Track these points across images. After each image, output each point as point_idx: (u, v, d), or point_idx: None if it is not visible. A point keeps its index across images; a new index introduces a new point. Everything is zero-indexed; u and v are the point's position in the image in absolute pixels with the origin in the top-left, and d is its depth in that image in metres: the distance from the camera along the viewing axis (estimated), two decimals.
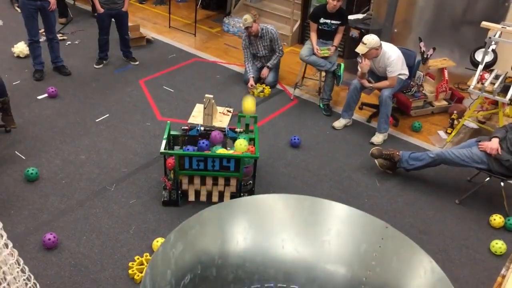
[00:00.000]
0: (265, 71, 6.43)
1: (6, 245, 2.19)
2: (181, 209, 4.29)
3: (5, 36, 7.17)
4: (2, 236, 2.15)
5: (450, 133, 5.52)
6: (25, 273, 2.42)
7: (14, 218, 4.05)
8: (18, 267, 2.32)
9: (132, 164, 4.80)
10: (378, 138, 5.42)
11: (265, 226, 2.16)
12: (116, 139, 5.17)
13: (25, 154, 4.81)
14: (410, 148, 5.21)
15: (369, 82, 5.41)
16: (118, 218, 4.14)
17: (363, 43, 5.09)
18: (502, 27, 4.97)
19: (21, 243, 3.80)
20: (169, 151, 4.26)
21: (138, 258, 3.73)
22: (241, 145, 4.24)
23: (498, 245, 4.07)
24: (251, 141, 4.44)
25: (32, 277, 2.50)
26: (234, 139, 4.41)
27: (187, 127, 4.46)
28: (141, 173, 4.68)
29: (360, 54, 5.19)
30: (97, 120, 5.45)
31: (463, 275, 3.87)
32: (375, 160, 4.92)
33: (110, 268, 3.66)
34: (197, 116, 4.66)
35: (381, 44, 5.17)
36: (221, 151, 4.25)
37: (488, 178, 4.50)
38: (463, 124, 5.47)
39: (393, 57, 5.19)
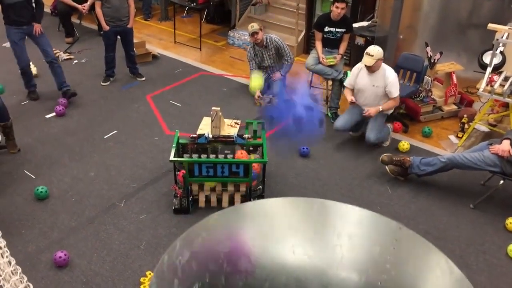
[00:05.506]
0: (277, 74, 6.37)
1: (10, 263, 2.17)
2: (192, 221, 4.23)
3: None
4: (5, 253, 2.12)
5: (461, 137, 5.44)
6: None
7: (25, 237, 4.04)
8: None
9: (141, 179, 4.78)
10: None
11: (274, 231, 2.11)
12: (124, 155, 5.16)
13: (35, 173, 4.81)
14: (421, 154, 5.12)
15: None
16: (129, 234, 4.11)
17: (369, 54, 4.92)
18: (510, 29, 4.92)
19: (32, 262, 3.78)
20: (179, 159, 4.26)
21: (149, 274, 3.69)
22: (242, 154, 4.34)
23: None
24: (259, 147, 4.44)
25: None
26: (242, 146, 4.43)
27: (195, 135, 4.47)
28: (150, 188, 4.66)
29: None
30: (105, 137, 5.46)
31: (481, 281, 3.77)
32: (386, 167, 4.86)
33: (122, 285, 3.62)
34: (204, 129, 4.67)
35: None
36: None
37: (502, 181, 4.41)
38: (474, 128, 5.39)
39: (391, 77, 5.04)
